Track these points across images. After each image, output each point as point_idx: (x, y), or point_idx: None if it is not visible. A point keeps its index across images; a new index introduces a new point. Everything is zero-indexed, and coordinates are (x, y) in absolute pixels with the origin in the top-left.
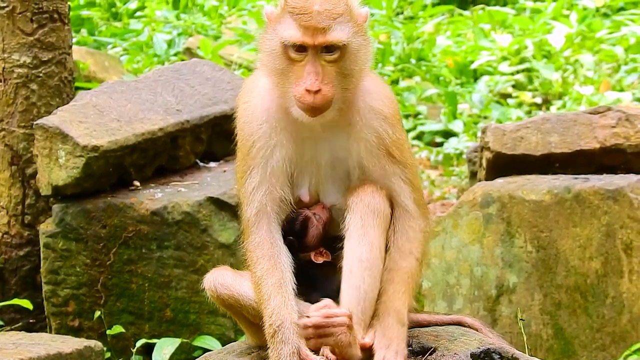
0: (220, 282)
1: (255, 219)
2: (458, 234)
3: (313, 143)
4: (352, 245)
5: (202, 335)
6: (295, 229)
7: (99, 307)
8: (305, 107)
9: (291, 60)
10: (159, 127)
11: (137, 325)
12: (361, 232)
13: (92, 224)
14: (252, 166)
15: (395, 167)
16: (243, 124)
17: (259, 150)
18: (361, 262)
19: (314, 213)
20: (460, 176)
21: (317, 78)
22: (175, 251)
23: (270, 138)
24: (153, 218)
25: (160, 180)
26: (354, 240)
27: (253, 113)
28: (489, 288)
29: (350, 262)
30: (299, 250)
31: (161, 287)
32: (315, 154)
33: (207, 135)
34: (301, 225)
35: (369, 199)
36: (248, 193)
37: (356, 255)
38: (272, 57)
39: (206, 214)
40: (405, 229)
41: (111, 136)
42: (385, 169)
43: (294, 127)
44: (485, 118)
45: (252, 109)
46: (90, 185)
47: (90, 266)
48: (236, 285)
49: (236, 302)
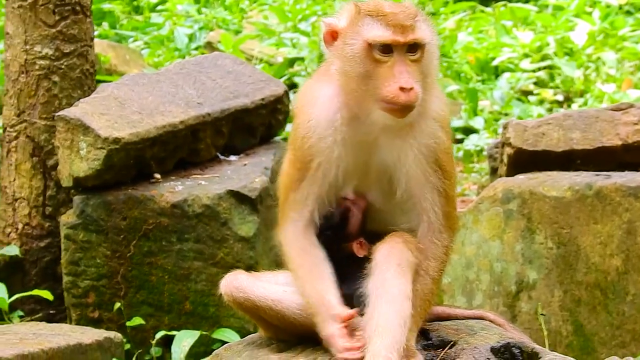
0: (236, 285)
1: (295, 220)
2: (478, 230)
3: (367, 149)
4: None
5: (221, 328)
6: (335, 221)
7: (118, 299)
8: (397, 107)
9: (376, 62)
10: (180, 120)
11: (156, 317)
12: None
13: (113, 215)
14: (305, 177)
15: (436, 178)
16: (304, 136)
17: (318, 166)
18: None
19: (353, 202)
20: (480, 173)
21: (410, 76)
22: (195, 244)
23: (332, 152)
24: (173, 211)
25: (181, 173)
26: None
27: (316, 126)
28: (508, 284)
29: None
30: (340, 241)
31: (181, 279)
32: (367, 159)
33: (227, 128)
34: (341, 217)
35: (398, 254)
36: (297, 200)
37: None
38: (353, 62)
39: (226, 207)
40: (428, 245)
41: (132, 128)
42: (427, 180)
43: (355, 134)
44: (506, 115)
45: (315, 121)
46: (111, 177)
47: (111, 258)
48: (252, 287)
49: (252, 304)
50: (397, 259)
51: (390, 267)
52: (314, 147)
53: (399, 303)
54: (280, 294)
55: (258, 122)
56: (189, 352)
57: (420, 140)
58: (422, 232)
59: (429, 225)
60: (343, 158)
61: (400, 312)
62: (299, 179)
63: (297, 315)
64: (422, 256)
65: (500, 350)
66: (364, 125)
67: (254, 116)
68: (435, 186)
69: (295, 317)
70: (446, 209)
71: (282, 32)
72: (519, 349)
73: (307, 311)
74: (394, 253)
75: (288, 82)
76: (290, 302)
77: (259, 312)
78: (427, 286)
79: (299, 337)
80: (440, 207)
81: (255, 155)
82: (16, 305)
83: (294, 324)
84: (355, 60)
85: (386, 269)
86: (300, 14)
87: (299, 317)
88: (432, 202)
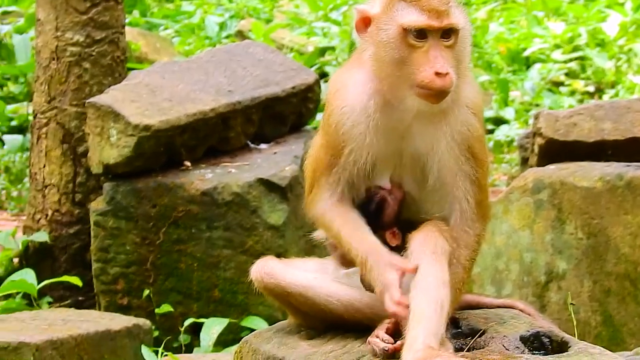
0: (266, 271)
1: (327, 196)
2: (508, 220)
3: (399, 136)
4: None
5: (250, 315)
6: (371, 210)
7: (147, 286)
8: (432, 92)
9: (411, 48)
10: (211, 108)
11: (185, 305)
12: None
13: (143, 203)
14: (337, 163)
15: (469, 166)
16: (337, 123)
17: (350, 152)
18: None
19: (389, 192)
20: (510, 163)
21: (445, 61)
22: (225, 232)
23: (364, 139)
24: (203, 198)
25: (211, 161)
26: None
27: (350, 113)
28: (538, 274)
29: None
30: (375, 230)
31: (210, 267)
32: (399, 147)
33: (258, 116)
34: (377, 207)
35: (432, 242)
36: (328, 183)
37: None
38: (388, 47)
39: (256, 195)
40: (460, 234)
41: (163, 116)
42: (460, 168)
43: (388, 121)
44: (537, 106)
45: (348, 108)
46: (141, 164)
47: (140, 245)
48: (282, 273)
49: (283, 290)
50: (432, 246)
51: (426, 254)
52: (346, 134)
53: (435, 289)
54: (311, 281)
55: (288, 110)
56: (217, 339)
57: (453, 128)
58: (455, 221)
59: (462, 213)
60: (375, 145)
61: (436, 298)
62: (331, 164)
63: (327, 302)
64: (454, 244)
65: (530, 339)
66: (397, 112)
67: (285, 104)
68: (468, 174)
69: (325, 304)
70: (479, 197)
71: (313, 21)
72: (548, 338)
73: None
74: (429, 241)
75: (318, 72)
76: (321, 289)
77: (289, 298)
78: (458, 274)
79: (329, 324)
80: (472, 196)
81: (285, 143)
82: (45, 291)
83: (325, 311)
84: (390, 46)
85: (421, 256)
86: (332, 3)
87: (329, 304)
88: (464, 191)
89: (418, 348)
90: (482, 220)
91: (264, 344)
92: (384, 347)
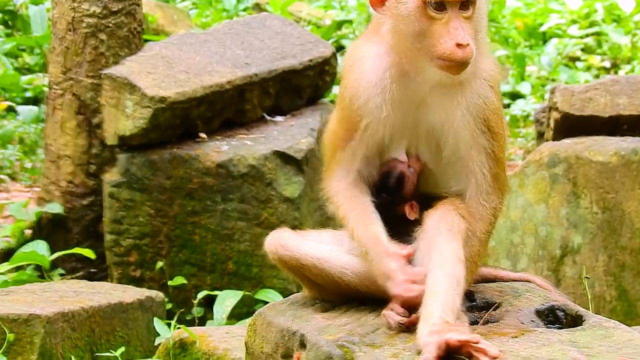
0: (281, 243)
1: (343, 176)
2: (524, 194)
3: (415, 108)
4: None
5: (264, 288)
6: (391, 184)
7: (161, 258)
8: (453, 63)
9: (430, 20)
10: (227, 80)
11: (198, 277)
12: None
13: (157, 174)
14: (353, 137)
15: (484, 139)
16: (352, 96)
17: (366, 126)
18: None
19: (408, 166)
20: (526, 138)
21: (465, 32)
22: (240, 204)
23: (381, 112)
24: (218, 170)
25: (227, 133)
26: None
27: (366, 86)
28: (553, 248)
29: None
30: (393, 204)
31: (224, 239)
32: (416, 118)
33: (275, 89)
34: (397, 180)
35: (449, 220)
36: (344, 158)
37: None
38: (408, 20)
39: (271, 167)
40: (476, 207)
41: (179, 88)
42: (475, 141)
43: (404, 92)
44: (553, 81)
45: (364, 82)
46: (156, 136)
47: (154, 217)
48: (297, 245)
49: (297, 262)
50: (448, 224)
51: (442, 231)
52: (362, 108)
53: (452, 265)
54: (326, 253)
55: (305, 83)
56: (231, 312)
57: (469, 100)
58: (470, 194)
59: (477, 186)
60: (391, 118)
61: (453, 273)
62: (347, 138)
63: (342, 274)
64: (471, 219)
65: (545, 312)
66: (413, 84)
67: (302, 77)
68: (484, 147)
69: (340, 277)
70: (495, 170)
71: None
72: (563, 312)
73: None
74: (445, 219)
75: (336, 45)
76: (336, 261)
77: (303, 270)
78: (474, 248)
79: (344, 297)
80: (488, 169)
81: (301, 116)
82: (57, 263)
83: (339, 283)
84: (410, 19)
85: (437, 233)
86: None
87: (344, 276)
88: (480, 164)
89: (435, 322)
90: (499, 193)
91: (278, 317)
92: (399, 320)
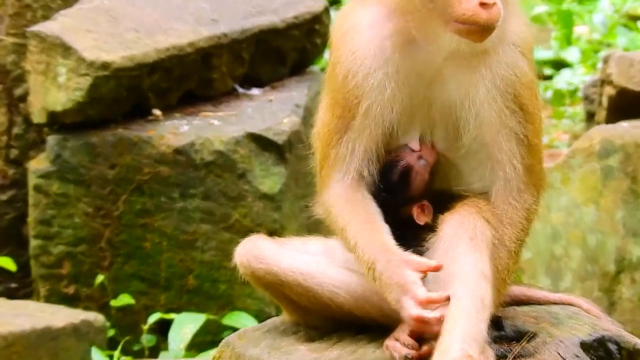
0: (255, 254)
1: (340, 179)
2: (568, 192)
3: (427, 83)
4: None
5: (234, 311)
6: (392, 180)
7: (102, 271)
8: (475, 27)
9: None
10: (189, 42)
11: (150, 296)
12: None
13: (98, 162)
14: (350, 127)
15: (515, 121)
16: (346, 73)
17: (367, 110)
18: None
19: (419, 157)
20: (573, 119)
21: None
22: (204, 202)
23: (384, 90)
24: (176, 158)
25: (188, 110)
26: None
27: (363, 58)
28: (606, 262)
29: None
30: (398, 204)
31: (183, 247)
32: (428, 97)
33: (249, 53)
34: (400, 176)
35: (471, 226)
36: (339, 157)
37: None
38: None
39: (245, 154)
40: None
41: (126, 50)
42: (504, 124)
43: (412, 64)
44: (608, 46)
45: (361, 53)
46: (97, 112)
47: (93, 217)
48: (276, 256)
49: (276, 278)
50: (470, 232)
51: (462, 241)
52: (360, 86)
53: (475, 283)
54: (313, 267)
55: (289, 46)
56: (191, 340)
57: (495, 72)
58: (497, 192)
59: (506, 182)
60: (398, 96)
61: (476, 294)
62: (341, 129)
63: (333, 294)
64: (497, 223)
65: (593, 345)
66: (422, 53)
67: (284, 38)
68: (514, 131)
69: (331, 297)
70: (528, 161)
71: None
72: (616, 345)
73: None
74: (466, 225)
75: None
76: (326, 278)
77: (284, 288)
78: (501, 260)
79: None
80: (520, 159)
81: (284, 88)
82: None
83: (329, 305)
84: None
85: (456, 242)
86: None
87: (336, 296)
88: (509, 153)
89: (454, 356)
90: (534, 190)
91: (250, 348)
92: (406, 353)
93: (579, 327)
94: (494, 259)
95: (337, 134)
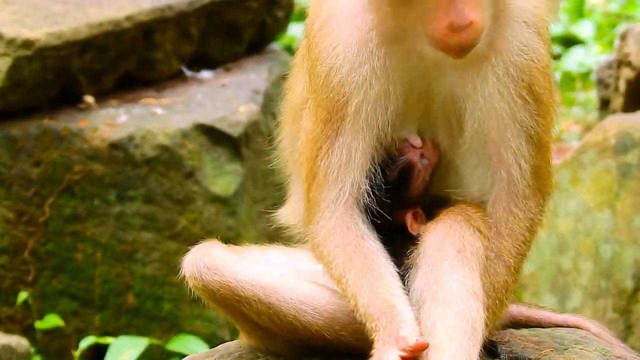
0: (208, 264)
1: (333, 203)
2: (578, 194)
3: (423, 74)
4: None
5: (181, 334)
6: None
7: (25, 287)
8: (449, 48)
9: None
10: (126, 15)
11: (82, 317)
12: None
13: (19, 159)
14: (340, 132)
15: (526, 114)
16: (329, 70)
17: (357, 109)
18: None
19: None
20: (585, 106)
21: (464, 5)
22: (145, 205)
23: (372, 86)
24: (112, 153)
25: (126, 96)
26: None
27: (346, 52)
28: (622, 277)
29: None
30: (394, 206)
31: (121, 259)
32: (426, 88)
33: (198, 29)
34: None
35: (457, 237)
36: (330, 171)
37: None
38: None
39: (193, 149)
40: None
41: (52, 26)
42: (513, 117)
43: (403, 56)
44: (627, 19)
45: (343, 45)
46: (17, 99)
47: (14, 224)
48: (232, 267)
49: (232, 293)
50: (457, 243)
51: (447, 255)
52: (345, 83)
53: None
54: (275, 280)
55: (245, 20)
56: None
57: (505, 56)
58: (498, 197)
59: (509, 185)
60: (390, 92)
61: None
62: (331, 135)
63: (299, 312)
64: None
65: None
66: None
67: (239, 11)
68: (524, 127)
69: (296, 316)
70: (537, 161)
71: None
72: None
73: None
74: (452, 236)
75: None
76: (291, 292)
77: (241, 305)
78: (498, 277)
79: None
80: (528, 160)
81: (240, 70)
82: None
83: (295, 325)
84: None
85: (440, 257)
86: None
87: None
88: (516, 151)
89: None
90: (540, 197)
91: None
92: None
93: (588, 354)
94: (489, 276)
95: (326, 141)
